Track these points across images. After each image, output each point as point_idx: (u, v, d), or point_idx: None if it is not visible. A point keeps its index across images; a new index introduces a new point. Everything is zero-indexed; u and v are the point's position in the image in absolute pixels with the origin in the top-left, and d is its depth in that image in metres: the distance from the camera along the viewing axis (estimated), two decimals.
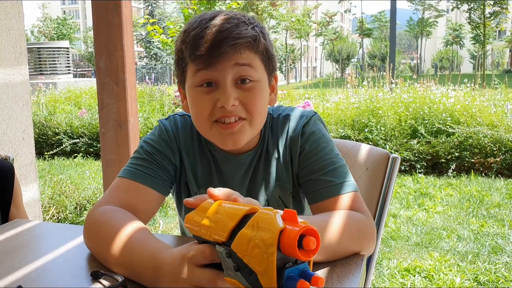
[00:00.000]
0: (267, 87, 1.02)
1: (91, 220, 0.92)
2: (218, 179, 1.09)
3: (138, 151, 1.06)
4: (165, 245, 0.79)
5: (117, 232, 0.83)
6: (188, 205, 0.70)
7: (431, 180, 4.87)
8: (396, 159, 1.30)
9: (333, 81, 9.24)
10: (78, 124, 6.72)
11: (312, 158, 1.02)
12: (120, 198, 0.97)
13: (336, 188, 0.97)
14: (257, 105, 0.98)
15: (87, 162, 6.10)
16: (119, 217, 0.90)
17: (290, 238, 0.52)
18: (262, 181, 1.08)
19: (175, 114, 1.13)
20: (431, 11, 52.51)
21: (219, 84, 0.95)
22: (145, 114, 6.75)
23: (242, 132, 0.98)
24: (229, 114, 0.95)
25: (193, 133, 1.09)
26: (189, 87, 1.00)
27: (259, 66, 0.98)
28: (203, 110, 0.97)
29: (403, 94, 6.11)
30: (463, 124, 5.28)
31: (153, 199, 1.01)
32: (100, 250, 0.86)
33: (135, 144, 2.57)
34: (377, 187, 1.31)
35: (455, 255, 2.97)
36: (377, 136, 5.53)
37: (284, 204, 1.10)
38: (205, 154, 1.09)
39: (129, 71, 2.51)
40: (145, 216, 0.98)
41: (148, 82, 9.00)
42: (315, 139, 1.04)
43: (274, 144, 1.07)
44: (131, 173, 1.00)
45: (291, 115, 1.09)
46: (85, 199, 3.65)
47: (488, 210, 3.87)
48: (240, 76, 0.95)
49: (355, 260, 0.81)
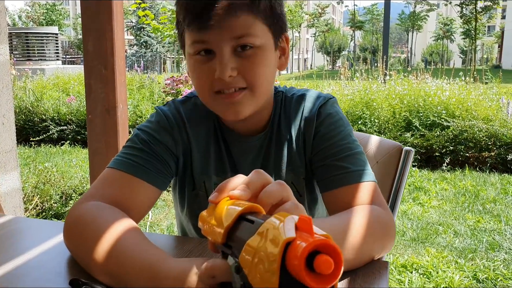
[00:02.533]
0: (272, 51, 0.90)
1: (73, 217, 0.79)
2: (229, 164, 0.98)
3: (132, 140, 0.93)
4: (164, 253, 0.67)
5: (104, 234, 0.71)
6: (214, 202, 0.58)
7: (425, 174, 4.80)
8: (410, 152, 1.20)
9: (325, 73, 9.14)
10: (66, 111, 6.55)
11: (327, 141, 0.93)
12: (109, 193, 0.84)
13: (352, 176, 0.87)
14: (258, 75, 0.87)
15: (75, 150, 5.95)
16: (107, 216, 0.77)
17: (295, 256, 0.38)
18: (273, 164, 0.98)
19: (174, 100, 1.01)
20: (423, 5, 52.56)
21: (216, 53, 0.85)
22: (134, 102, 6.60)
23: (243, 103, 0.87)
24: (228, 86, 0.85)
25: (205, 114, 0.98)
26: (188, 55, 0.90)
27: (261, 29, 0.85)
28: (203, 82, 0.88)
29: (397, 86, 6.03)
30: (458, 117, 5.21)
31: (148, 195, 0.88)
32: (82, 254, 0.73)
33: (124, 132, 2.44)
34: (388, 183, 1.21)
35: (453, 251, 2.89)
36: (371, 128, 5.46)
37: (298, 191, 0.99)
38: (217, 137, 0.98)
39: (119, 54, 2.37)
40: (138, 215, 0.86)
41: (138, 69, 8.82)
42: (331, 121, 0.95)
43: (287, 125, 0.98)
44: (124, 163, 0.87)
45: (306, 95, 0.99)
46: (71, 188, 3.51)
47: (483, 205, 3.81)
48: (239, 44, 0.84)
49: (378, 267, 0.70)
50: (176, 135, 0.95)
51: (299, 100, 0.99)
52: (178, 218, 1.15)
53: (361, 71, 7.48)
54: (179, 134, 0.95)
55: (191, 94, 1.03)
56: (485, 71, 7.29)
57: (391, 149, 1.22)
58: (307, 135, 0.96)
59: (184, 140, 0.96)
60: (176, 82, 6.07)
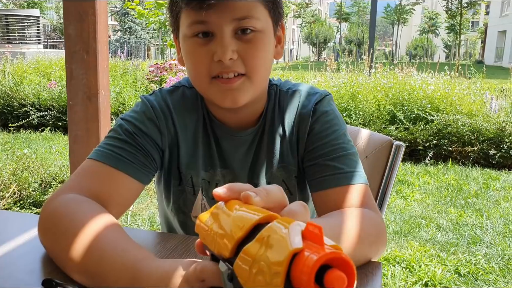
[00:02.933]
0: (272, 37, 0.87)
1: (49, 210, 0.74)
2: (219, 159, 0.94)
3: (115, 130, 0.87)
4: (146, 252, 0.62)
5: (82, 229, 0.66)
6: (218, 198, 0.50)
7: (409, 167, 4.82)
8: (400, 147, 1.17)
9: (311, 64, 9.10)
10: (47, 96, 6.40)
11: (321, 140, 0.90)
12: (88, 186, 0.79)
13: (345, 177, 0.84)
14: (258, 59, 0.84)
15: (55, 137, 5.83)
16: (86, 210, 0.72)
17: (304, 270, 0.34)
18: (265, 160, 0.94)
19: (161, 89, 0.96)
20: None
21: (216, 35, 0.81)
22: (117, 89, 6.48)
23: (242, 90, 0.84)
24: (227, 70, 0.82)
25: (195, 106, 0.94)
26: (184, 37, 0.85)
27: (262, 13, 0.83)
28: (200, 65, 0.84)
29: (382, 79, 6.04)
30: (442, 111, 5.23)
31: (130, 189, 0.83)
32: (57, 251, 0.68)
33: (106, 119, 2.38)
34: (377, 178, 1.18)
35: (435, 245, 2.91)
36: (356, 120, 5.46)
37: (289, 189, 0.96)
38: (206, 130, 0.94)
39: (101, 39, 2.30)
40: (118, 209, 0.81)
41: (121, 56, 8.67)
42: (327, 119, 0.92)
43: (281, 120, 0.94)
44: (106, 155, 0.82)
45: (302, 90, 0.96)
46: (51, 176, 3.42)
47: (466, 199, 3.84)
48: (240, 26, 0.81)
49: (371, 268, 0.67)
50: (162, 126, 0.90)
51: (294, 95, 0.96)
52: (162, 212, 1.10)
53: (347, 63, 7.46)
54: (166, 126, 0.90)
55: (179, 83, 0.98)
56: (469, 66, 7.34)
57: (381, 143, 1.19)
58: (301, 132, 0.93)
59: (171, 132, 0.92)
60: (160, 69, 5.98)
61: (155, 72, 6.13)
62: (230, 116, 0.92)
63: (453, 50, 35.26)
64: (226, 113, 0.92)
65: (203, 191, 0.95)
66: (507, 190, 4.10)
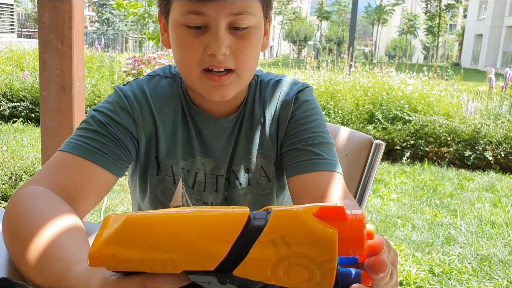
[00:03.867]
0: (262, 32, 0.87)
1: (12, 203, 0.70)
2: (199, 147, 0.93)
3: (86, 121, 0.84)
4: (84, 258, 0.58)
5: (40, 229, 0.61)
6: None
7: (385, 167, 4.85)
8: (380, 146, 1.15)
9: (292, 61, 9.10)
10: (19, 86, 6.22)
11: (302, 126, 0.91)
12: (56, 178, 0.75)
13: (326, 163, 0.85)
14: (249, 56, 0.84)
15: (27, 128, 5.67)
16: (48, 206, 0.67)
17: (355, 232, 0.38)
18: (244, 147, 0.94)
19: (136, 79, 0.93)
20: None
21: (210, 27, 0.79)
22: (93, 81, 6.34)
23: (231, 85, 0.84)
24: (219, 64, 0.81)
25: (172, 94, 0.92)
26: (175, 23, 0.83)
27: (257, 8, 0.83)
28: (192, 56, 0.82)
29: (362, 78, 6.07)
30: (420, 112, 5.29)
31: (103, 182, 0.80)
32: (15, 249, 0.64)
33: (80, 112, 2.31)
34: (357, 176, 1.16)
35: (410, 244, 2.92)
36: (335, 119, 5.47)
37: (267, 175, 0.96)
38: (186, 118, 0.93)
39: (77, 28, 2.23)
40: (89, 203, 0.78)
41: (98, 47, 8.49)
42: (308, 108, 0.93)
43: (261, 109, 0.95)
44: (76, 147, 0.79)
45: (284, 80, 0.97)
46: (22, 169, 3.32)
47: (441, 199, 3.88)
48: (235, 21, 0.80)
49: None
50: (137, 116, 0.87)
51: (276, 85, 0.97)
52: (136, 207, 1.06)
53: (327, 61, 7.48)
54: (141, 115, 0.88)
55: (154, 72, 0.96)
56: (446, 68, 7.45)
57: (361, 142, 1.17)
58: (281, 118, 0.94)
59: (148, 121, 0.89)
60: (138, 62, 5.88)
61: (133, 65, 6.02)
62: (211, 104, 0.92)
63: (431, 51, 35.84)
64: (207, 101, 0.91)
65: (183, 180, 0.94)
66: (481, 191, 4.16)
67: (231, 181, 0.96)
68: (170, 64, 0.99)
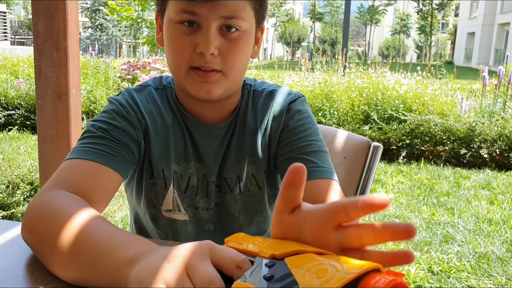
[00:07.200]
0: (252, 38, 0.90)
1: (34, 208, 0.69)
2: (193, 152, 0.94)
3: (88, 131, 0.85)
4: (144, 246, 0.55)
5: (69, 224, 0.62)
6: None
7: (382, 167, 4.87)
8: (378, 148, 1.16)
9: (286, 63, 9.12)
10: (14, 94, 6.21)
11: (295, 136, 0.93)
12: (72, 181, 0.75)
13: (323, 171, 0.86)
14: (237, 59, 0.86)
15: (23, 136, 5.66)
16: (72, 205, 0.68)
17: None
18: (235, 155, 0.96)
19: (128, 88, 0.96)
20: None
21: (202, 27, 0.82)
22: (88, 87, 6.33)
23: (217, 84, 0.86)
24: (206, 64, 0.83)
25: (163, 102, 0.94)
26: (168, 21, 0.86)
27: (249, 14, 0.86)
28: (181, 53, 0.85)
29: (356, 79, 6.09)
30: (415, 111, 5.31)
31: (113, 183, 0.81)
32: (45, 247, 0.64)
33: (77, 119, 2.30)
34: (355, 179, 1.17)
35: (409, 243, 2.94)
36: (330, 120, 5.48)
37: (257, 183, 0.97)
38: (179, 124, 0.95)
39: (72, 36, 2.23)
40: (101, 204, 0.79)
41: (92, 53, 8.48)
42: (301, 117, 0.95)
43: (253, 117, 0.97)
44: (84, 152, 0.80)
45: (277, 90, 0.99)
46: (19, 178, 3.31)
47: (438, 198, 3.90)
48: (226, 24, 0.83)
49: None
50: (133, 120, 0.89)
51: (269, 95, 0.98)
52: (133, 214, 1.08)
53: (321, 62, 7.50)
54: (136, 120, 0.90)
55: (146, 83, 0.98)
56: (439, 66, 7.48)
57: (359, 144, 1.19)
58: (273, 128, 0.95)
59: (142, 126, 0.91)
60: (133, 67, 5.88)
61: (128, 70, 6.02)
62: (203, 110, 0.93)
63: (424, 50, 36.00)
64: (199, 107, 0.93)
65: (175, 185, 0.95)
66: (477, 188, 4.19)
67: (222, 188, 0.97)
68: (161, 76, 1.02)
